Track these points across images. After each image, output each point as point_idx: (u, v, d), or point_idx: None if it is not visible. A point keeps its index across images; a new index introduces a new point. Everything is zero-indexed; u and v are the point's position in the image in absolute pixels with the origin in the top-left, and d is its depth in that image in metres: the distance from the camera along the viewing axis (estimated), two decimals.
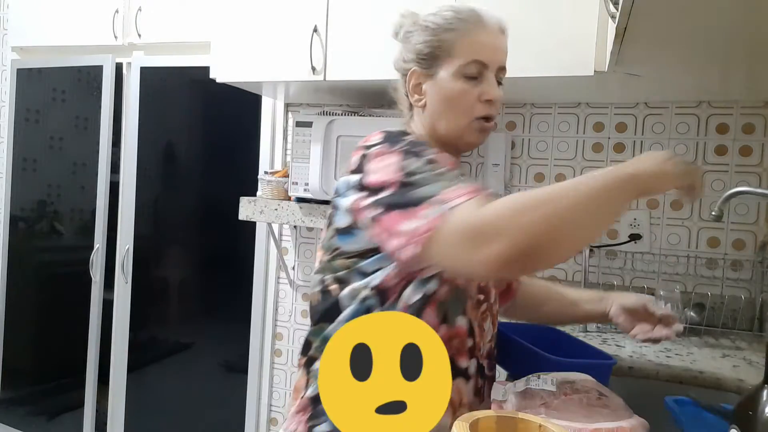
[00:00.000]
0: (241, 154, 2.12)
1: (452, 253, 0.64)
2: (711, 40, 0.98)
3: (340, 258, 0.79)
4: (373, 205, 0.72)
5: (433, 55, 0.83)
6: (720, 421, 0.83)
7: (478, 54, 0.81)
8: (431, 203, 0.66)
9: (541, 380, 0.72)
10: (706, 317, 1.43)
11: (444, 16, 0.83)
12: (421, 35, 0.84)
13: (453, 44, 0.82)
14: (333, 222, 0.81)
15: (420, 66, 0.85)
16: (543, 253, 0.61)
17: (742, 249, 1.54)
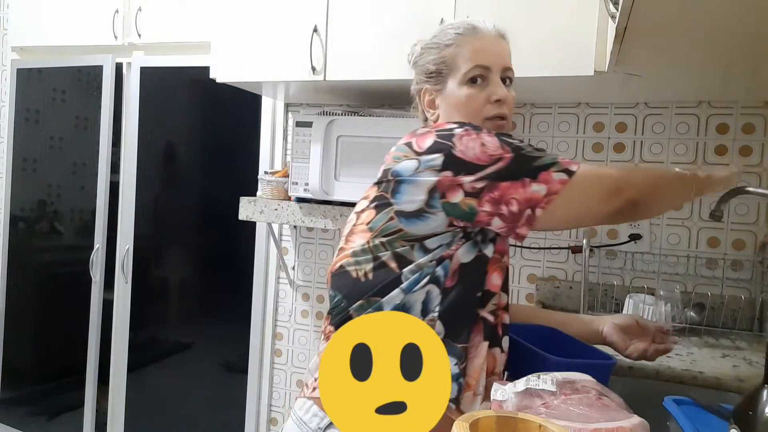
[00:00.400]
0: (241, 154, 2.12)
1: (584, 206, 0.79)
2: (711, 40, 0.98)
3: (400, 240, 0.82)
4: (481, 179, 0.77)
5: (439, 71, 0.91)
6: (720, 421, 0.83)
7: (479, 59, 0.88)
8: (552, 169, 0.77)
9: (541, 380, 0.72)
10: (706, 317, 1.43)
11: (445, 34, 0.91)
12: (428, 56, 0.92)
13: (455, 57, 0.89)
14: (391, 204, 0.82)
15: (430, 83, 0.93)
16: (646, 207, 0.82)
17: (742, 249, 1.54)
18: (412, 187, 0.80)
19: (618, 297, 1.56)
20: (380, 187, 0.85)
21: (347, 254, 0.86)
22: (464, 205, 0.78)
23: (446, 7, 1.41)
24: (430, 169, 0.79)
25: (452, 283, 0.81)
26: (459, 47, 0.89)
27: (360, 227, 0.86)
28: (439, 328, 0.80)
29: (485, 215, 0.78)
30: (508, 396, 0.72)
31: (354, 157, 1.59)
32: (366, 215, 0.86)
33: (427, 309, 0.81)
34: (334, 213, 1.61)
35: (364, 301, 0.83)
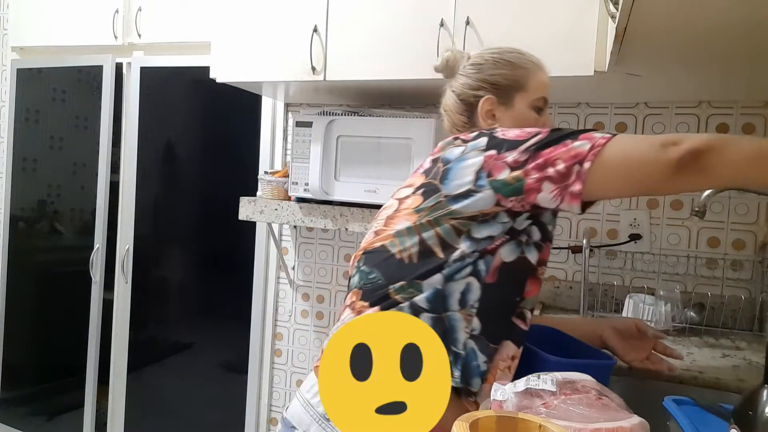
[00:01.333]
0: (241, 154, 2.12)
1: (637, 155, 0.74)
2: (711, 40, 0.98)
3: (448, 217, 0.82)
4: (523, 151, 0.79)
5: (510, 86, 0.95)
6: (720, 421, 0.83)
7: (544, 92, 0.97)
8: (593, 132, 0.77)
9: (541, 380, 0.72)
10: (706, 317, 1.43)
11: (518, 57, 0.96)
12: (496, 69, 0.95)
13: (527, 79, 0.95)
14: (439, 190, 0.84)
15: (495, 95, 0.95)
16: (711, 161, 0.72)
17: (742, 249, 1.54)
18: (460, 170, 0.82)
19: (618, 297, 1.56)
20: (428, 175, 0.87)
21: (389, 235, 0.87)
22: (512, 180, 0.79)
23: (446, 7, 1.41)
24: (475, 149, 0.82)
25: (492, 280, 0.82)
26: (532, 74, 0.95)
27: (405, 211, 0.88)
28: (476, 324, 0.82)
29: (534, 182, 0.77)
30: (508, 396, 0.72)
31: (354, 157, 1.59)
32: (411, 201, 0.88)
33: (465, 301, 0.82)
34: (334, 213, 1.61)
35: (405, 283, 0.83)
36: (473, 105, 0.96)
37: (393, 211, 0.90)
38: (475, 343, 0.82)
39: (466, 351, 0.82)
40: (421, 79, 1.45)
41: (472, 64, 0.98)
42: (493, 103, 0.95)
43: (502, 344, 0.84)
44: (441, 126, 1.38)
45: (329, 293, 2.02)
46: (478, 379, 0.82)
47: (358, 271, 0.90)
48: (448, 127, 1.03)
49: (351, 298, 0.89)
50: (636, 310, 1.42)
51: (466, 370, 0.81)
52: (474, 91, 0.96)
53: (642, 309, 1.41)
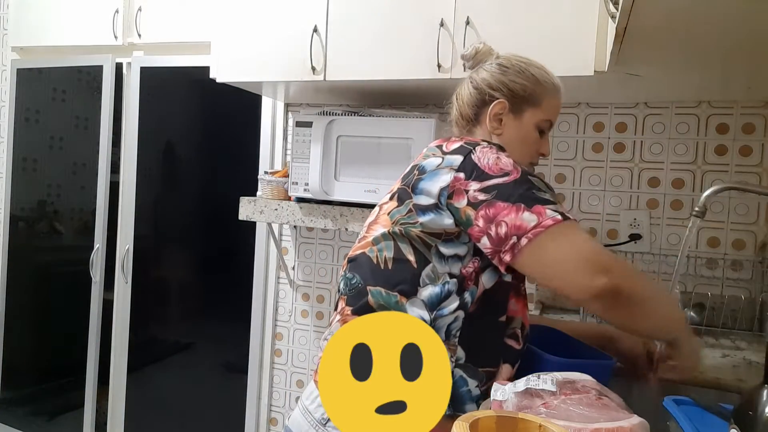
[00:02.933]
0: (241, 154, 2.12)
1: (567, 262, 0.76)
2: (711, 40, 0.98)
3: (416, 229, 0.84)
4: (482, 190, 0.80)
5: (525, 99, 0.96)
6: (720, 421, 0.83)
7: (552, 115, 0.99)
8: (549, 207, 0.77)
9: (541, 380, 0.72)
10: (706, 317, 1.43)
11: (539, 72, 0.97)
12: (519, 77, 0.96)
13: (542, 97, 0.97)
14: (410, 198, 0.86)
15: (509, 101, 0.96)
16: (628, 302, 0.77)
17: (742, 249, 1.54)
18: (430, 184, 0.84)
19: None
20: (404, 181, 0.90)
21: (368, 242, 0.89)
22: (464, 214, 0.81)
23: (446, 7, 1.41)
24: (449, 167, 0.83)
25: (473, 309, 0.83)
26: (547, 92, 0.97)
27: (382, 217, 0.90)
28: (460, 354, 0.83)
29: (477, 230, 0.80)
30: (508, 396, 0.72)
31: (354, 157, 1.59)
32: (388, 206, 0.90)
33: (449, 332, 0.83)
34: (334, 213, 1.61)
35: (383, 291, 0.84)
36: (486, 103, 0.97)
37: (374, 217, 0.93)
38: (463, 371, 0.83)
39: (454, 378, 0.82)
40: (421, 79, 1.45)
41: (498, 64, 0.98)
42: (504, 108, 0.96)
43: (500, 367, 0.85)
44: (441, 126, 1.38)
45: (329, 293, 2.02)
46: (473, 404, 0.82)
47: (343, 278, 0.92)
48: (455, 117, 1.03)
49: (340, 304, 0.91)
50: None
51: (455, 398, 0.82)
52: (492, 90, 0.97)
53: None
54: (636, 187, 1.64)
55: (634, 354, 1.01)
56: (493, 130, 0.97)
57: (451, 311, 0.82)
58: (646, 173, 1.63)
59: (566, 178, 1.71)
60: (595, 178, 1.68)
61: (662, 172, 1.61)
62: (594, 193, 1.68)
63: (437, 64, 1.41)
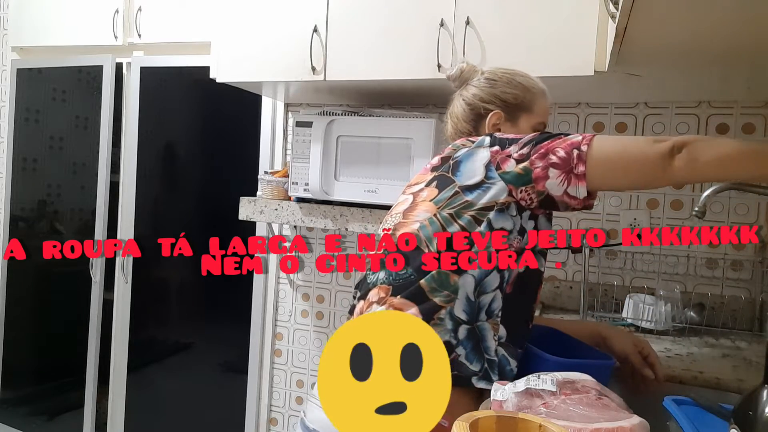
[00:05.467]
0: (241, 154, 2.12)
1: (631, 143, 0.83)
2: (711, 41, 0.98)
3: (467, 209, 0.87)
4: (524, 145, 0.86)
5: (518, 106, 1.02)
6: (720, 421, 0.83)
7: (545, 116, 1.04)
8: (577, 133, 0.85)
9: (541, 380, 0.72)
10: (706, 317, 1.43)
11: (525, 80, 1.03)
12: (508, 87, 1.02)
13: (533, 102, 1.02)
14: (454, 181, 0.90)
15: (504, 111, 1.01)
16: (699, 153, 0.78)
17: (742, 249, 1.54)
18: (470, 163, 0.89)
19: (618, 297, 1.56)
20: (440, 169, 0.93)
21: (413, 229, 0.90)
22: (519, 170, 0.85)
23: (446, 7, 1.41)
24: (481, 146, 0.90)
25: (510, 290, 0.88)
26: (537, 97, 1.03)
27: (423, 204, 0.92)
28: (502, 332, 0.87)
29: (540, 170, 0.84)
30: (508, 396, 0.72)
31: (354, 157, 1.59)
32: (427, 193, 0.92)
33: (491, 310, 0.87)
34: (334, 213, 1.61)
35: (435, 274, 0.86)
36: (482, 116, 1.02)
37: (409, 204, 0.94)
38: (504, 349, 0.87)
39: (498, 357, 0.86)
40: (421, 79, 1.45)
41: (486, 79, 1.04)
42: (500, 118, 1.01)
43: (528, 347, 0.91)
44: (441, 126, 1.38)
45: (329, 293, 2.02)
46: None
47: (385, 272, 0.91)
48: (450, 133, 1.08)
49: (378, 294, 0.90)
50: (636, 310, 1.42)
51: (503, 375, 0.85)
52: (485, 103, 1.03)
53: (642, 309, 1.41)
54: None
55: (625, 352, 1.02)
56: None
57: (492, 289, 0.87)
58: None
59: None
60: None
61: None
62: None
63: (437, 64, 1.41)
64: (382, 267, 0.91)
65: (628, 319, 1.43)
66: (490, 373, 0.84)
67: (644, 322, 1.40)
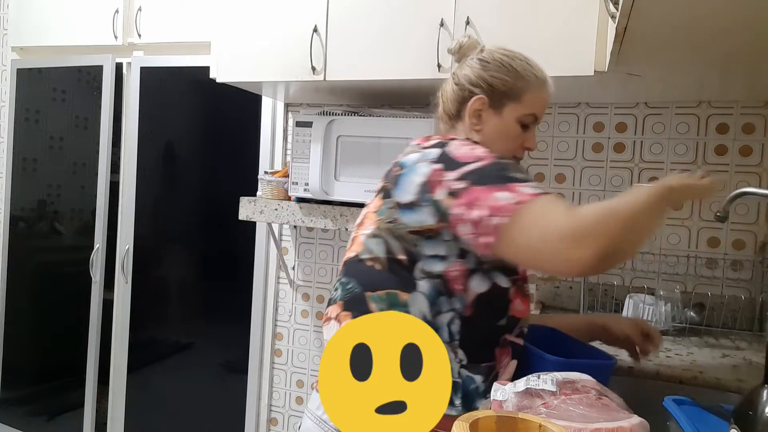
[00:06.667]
0: (241, 154, 2.12)
1: (547, 236, 0.73)
2: (711, 40, 0.98)
3: (400, 228, 0.85)
4: (460, 178, 0.80)
5: (505, 94, 0.93)
6: (720, 421, 0.83)
7: (536, 109, 0.94)
8: (524, 183, 0.77)
9: (541, 380, 0.72)
10: (706, 317, 1.43)
11: (522, 65, 0.94)
12: (498, 72, 0.94)
13: (523, 92, 0.93)
14: (392, 195, 0.87)
15: (489, 97, 0.94)
16: (618, 255, 0.74)
17: (742, 249, 1.54)
18: (409, 177, 0.85)
19: (618, 297, 1.56)
20: (386, 179, 0.91)
21: (359, 244, 0.90)
22: (443, 204, 0.80)
23: (446, 7, 1.41)
24: (426, 160, 0.85)
25: (470, 313, 0.84)
26: (530, 87, 0.93)
27: (370, 215, 0.91)
28: (462, 355, 0.84)
29: (455, 217, 0.79)
30: (508, 396, 0.72)
31: (354, 157, 1.59)
32: (374, 204, 0.91)
33: (451, 333, 0.84)
34: (334, 213, 1.61)
35: (383, 293, 0.85)
36: (466, 99, 0.95)
37: (362, 218, 0.93)
38: (468, 370, 0.84)
39: (461, 378, 0.84)
40: (421, 79, 1.45)
41: (479, 59, 0.96)
42: (483, 104, 0.94)
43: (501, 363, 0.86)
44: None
45: (329, 293, 2.02)
46: (482, 399, 0.83)
47: (339, 282, 0.92)
48: (440, 113, 1.03)
49: (335, 311, 0.90)
50: (636, 310, 1.42)
51: (467, 396, 0.83)
52: (471, 86, 0.95)
53: (642, 309, 1.41)
54: None
55: (625, 334, 1.02)
56: (473, 126, 0.95)
57: (447, 310, 0.83)
58: (646, 173, 1.63)
59: (566, 178, 1.71)
60: (595, 178, 1.68)
61: (662, 172, 1.61)
62: (594, 193, 1.68)
63: (437, 64, 1.41)
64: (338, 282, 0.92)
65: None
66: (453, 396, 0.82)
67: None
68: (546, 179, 1.73)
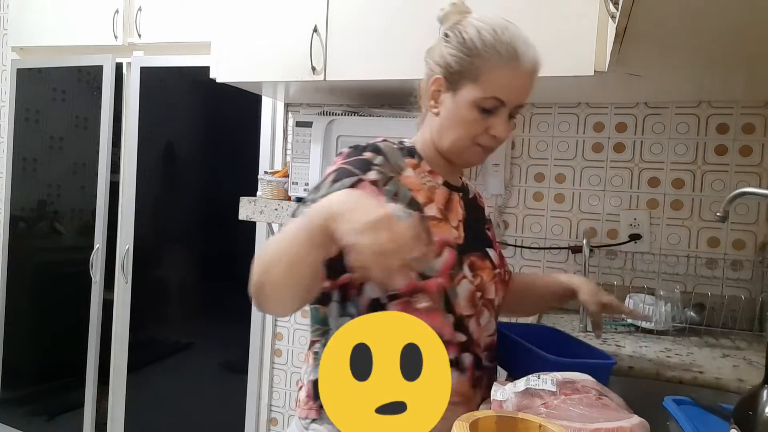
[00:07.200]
0: (241, 154, 2.12)
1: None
2: (711, 40, 0.98)
3: None
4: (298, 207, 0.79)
5: (461, 73, 0.82)
6: (720, 421, 0.83)
7: (500, 92, 0.81)
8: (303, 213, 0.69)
9: (541, 380, 0.72)
10: (706, 317, 1.43)
11: (484, 39, 0.80)
12: (456, 49, 0.83)
13: (481, 72, 0.80)
14: None
15: (445, 77, 0.84)
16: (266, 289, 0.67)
17: (742, 249, 1.54)
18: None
19: (618, 297, 1.55)
20: None
21: None
22: None
23: (446, 7, 1.41)
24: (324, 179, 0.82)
25: None
26: (491, 65, 0.80)
27: None
28: None
29: None
30: (508, 396, 0.72)
31: None
32: None
33: None
34: None
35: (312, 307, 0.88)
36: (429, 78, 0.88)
37: None
38: None
39: None
40: (421, 79, 1.44)
41: (444, 33, 0.86)
42: (441, 85, 0.85)
43: None
44: None
45: None
46: None
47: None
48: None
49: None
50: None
51: None
52: (434, 64, 0.87)
53: (642, 309, 1.41)
54: (636, 187, 1.64)
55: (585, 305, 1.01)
56: (431, 109, 0.88)
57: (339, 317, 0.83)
58: (646, 173, 1.63)
59: (566, 178, 1.71)
60: (595, 178, 1.68)
61: (662, 172, 1.61)
62: (594, 193, 1.68)
63: None
64: None
65: (628, 319, 1.43)
66: None
67: (644, 322, 1.40)
68: (546, 179, 1.73)
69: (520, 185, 1.75)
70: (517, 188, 1.75)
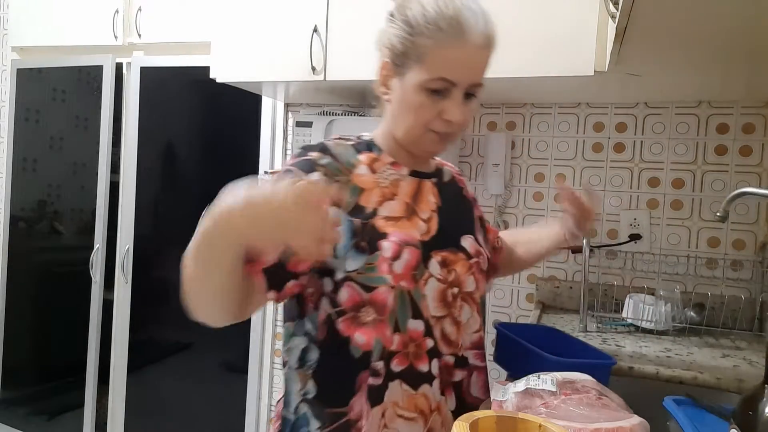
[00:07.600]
0: (241, 154, 2.12)
1: None
2: (711, 40, 0.98)
3: None
4: None
5: (406, 54, 0.75)
6: (720, 421, 0.83)
7: (448, 71, 0.73)
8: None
9: (541, 380, 0.72)
10: (706, 317, 1.43)
11: (426, 17, 0.73)
12: (399, 29, 0.76)
13: (425, 52, 0.73)
14: None
15: (392, 60, 0.77)
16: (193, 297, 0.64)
17: (742, 249, 1.54)
18: None
19: (618, 297, 1.56)
20: None
21: None
22: None
23: None
24: None
25: (323, 336, 0.75)
26: (435, 44, 0.72)
27: None
28: (310, 387, 0.76)
29: None
30: (508, 396, 0.72)
31: None
32: None
33: (304, 359, 0.77)
34: None
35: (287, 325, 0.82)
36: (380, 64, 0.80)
37: None
38: (309, 407, 0.76)
39: (297, 416, 0.77)
40: None
41: (390, 12, 0.80)
42: (389, 70, 0.78)
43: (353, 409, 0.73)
44: None
45: None
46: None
47: None
48: None
49: None
50: (636, 310, 1.42)
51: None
52: (382, 47, 0.79)
53: (642, 309, 1.41)
54: (636, 187, 1.64)
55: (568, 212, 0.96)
56: (383, 96, 0.81)
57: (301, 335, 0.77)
58: (646, 173, 1.63)
59: (566, 178, 1.71)
60: (595, 178, 1.68)
61: (662, 172, 1.61)
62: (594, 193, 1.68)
63: None
64: None
65: (628, 319, 1.43)
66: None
67: (644, 322, 1.40)
68: (546, 179, 1.73)
69: (520, 185, 1.75)
70: (517, 188, 1.75)
